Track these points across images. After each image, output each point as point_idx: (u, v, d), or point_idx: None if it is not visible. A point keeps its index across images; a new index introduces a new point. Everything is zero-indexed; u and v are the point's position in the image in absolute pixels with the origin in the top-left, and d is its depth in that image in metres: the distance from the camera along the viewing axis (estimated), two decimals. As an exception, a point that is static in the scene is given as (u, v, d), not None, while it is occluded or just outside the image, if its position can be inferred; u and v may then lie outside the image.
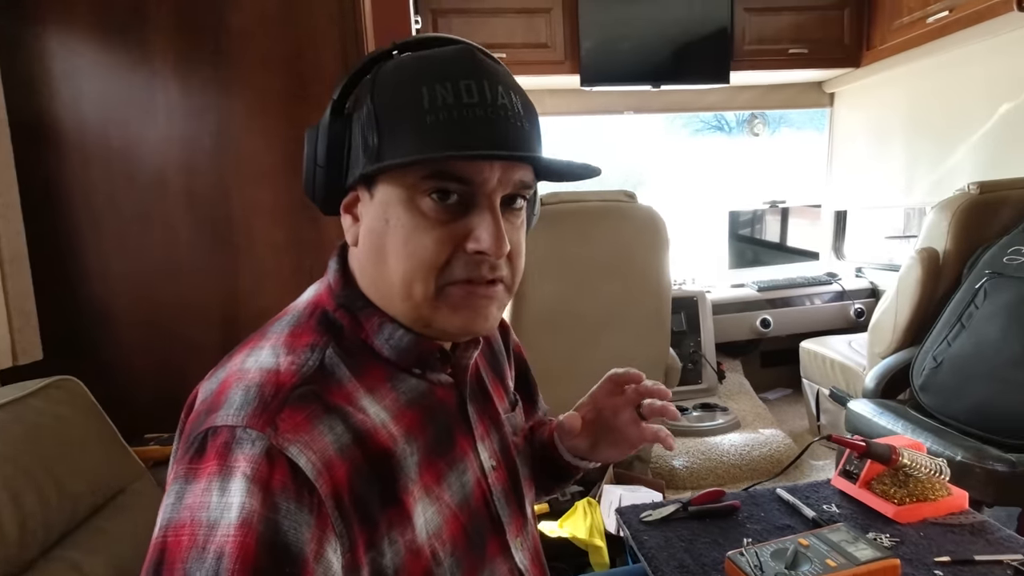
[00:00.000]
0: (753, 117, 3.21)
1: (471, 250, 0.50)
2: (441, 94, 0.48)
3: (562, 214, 1.78)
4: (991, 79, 2.11)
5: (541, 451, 0.75)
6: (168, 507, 0.42)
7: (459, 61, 0.50)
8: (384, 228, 0.50)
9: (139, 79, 1.31)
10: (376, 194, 0.51)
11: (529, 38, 2.39)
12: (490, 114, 0.48)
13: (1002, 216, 1.78)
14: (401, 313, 0.53)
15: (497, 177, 0.49)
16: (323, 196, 0.54)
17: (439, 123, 0.47)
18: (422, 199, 0.49)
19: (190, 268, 1.37)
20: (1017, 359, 1.44)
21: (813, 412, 2.47)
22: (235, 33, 1.32)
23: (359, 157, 0.51)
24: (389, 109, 0.49)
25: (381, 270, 0.52)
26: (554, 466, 0.74)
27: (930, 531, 0.86)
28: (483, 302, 0.52)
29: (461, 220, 0.50)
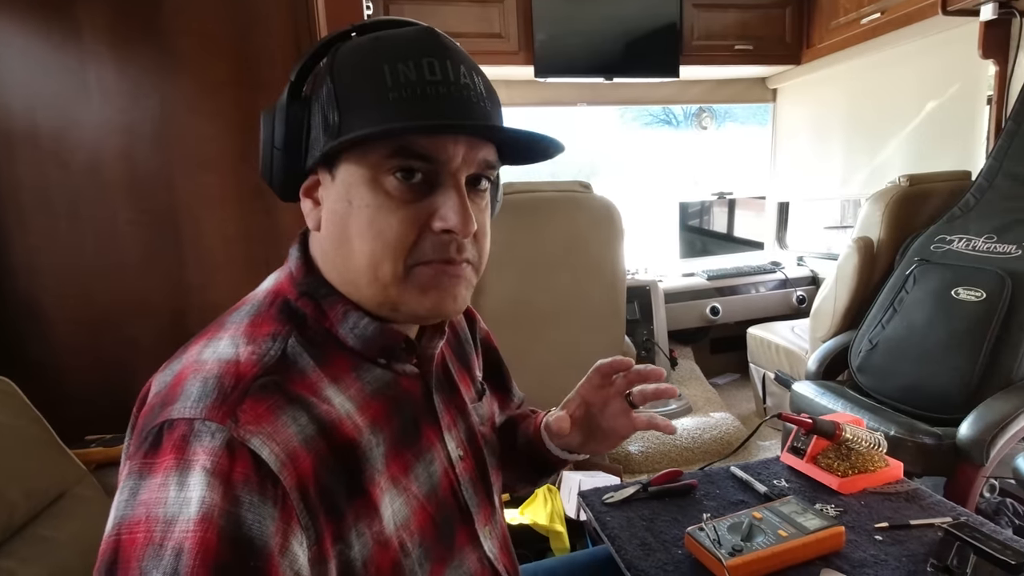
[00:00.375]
0: (701, 111, 3.30)
1: (438, 229, 0.49)
2: (403, 71, 0.47)
3: (517, 205, 1.78)
4: (919, 78, 2.25)
5: (527, 446, 0.74)
6: (121, 504, 0.40)
7: (420, 40, 0.49)
8: (347, 209, 0.49)
9: (69, 58, 1.22)
10: (338, 175, 0.50)
11: (482, 28, 2.37)
12: (453, 91, 0.48)
13: (929, 206, 1.91)
14: (368, 297, 0.52)
15: (462, 155, 0.49)
16: (281, 180, 0.52)
17: (402, 99, 0.47)
18: (386, 178, 0.48)
19: (131, 262, 1.29)
20: (943, 341, 1.55)
21: (760, 395, 2.58)
22: (173, 11, 1.25)
23: (319, 137, 0.50)
24: (350, 87, 0.48)
25: (345, 253, 0.50)
26: (541, 460, 0.73)
27: (870, 500, 0.92)
28: (452, 282, 0.51)
29: (426, 199, 0.49)
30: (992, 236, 1.59)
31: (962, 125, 2.11)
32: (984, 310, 1.49)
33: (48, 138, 1.23)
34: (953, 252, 1.65)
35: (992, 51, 1.89)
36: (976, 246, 1.61)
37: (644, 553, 0.81)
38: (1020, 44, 1.84)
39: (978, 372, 1.46)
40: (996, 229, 1.59)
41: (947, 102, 2.16)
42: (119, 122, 1.24)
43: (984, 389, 1.45)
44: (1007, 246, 1.55)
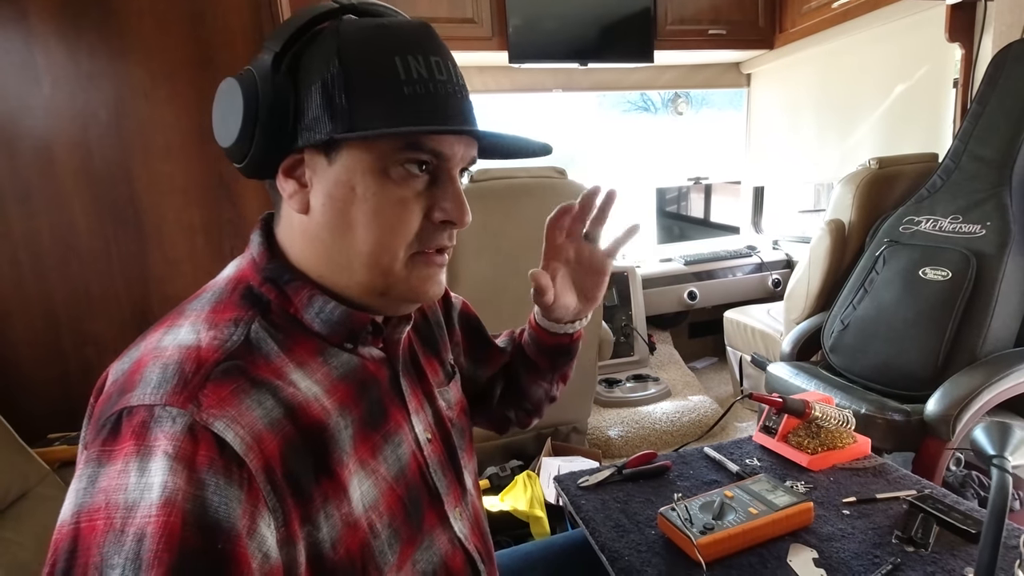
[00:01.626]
0: (677, 97, 3.30)
1: (438, 220, 0.52)
2: (415, 67, 0.48)
3: (492, 191, 1.77)
4: (888, 62, 2.27)
5: (534, 344, 0.78)
6: (79, 492, 0.39)
7: (424, 36, 0.50)
8: (350, 196, 0.49)
9: (14, 41, 1.16)
10: (338, 160, 0.49)
11: (455, 12, 2.33)
12: (456, 92, 0.51)
13: (898, 188, 1.94)
14: (358, 283, 0.52)
15: (460, 153, 0.52)
16: (257, 156, 0.49)
17: (417, 96, 0.48)
18: (394, 169, 0.49)
19: (90, 254, 1.24)
20: (911, 320, 1.58)
21: (737, 378, 2.62)
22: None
23: (321, 119, 0.48)
24: (362, 73, 0.48)
25: (344, 239, 0.50)
26: (549, 349, 0.77)
27: (839, 476, 0.93)
28: (437, 270, 0.55)
29: (428, 191, 0.51)
30: (958, 216, 1.62)
31: (929, 108, 2.14)
32: (950, 289, 1.53)
33: (-9, 124, 1.18)
34: (921, 233, 1.68)
35: (958, 34, 1.92)
36: (942, 226, 1.64)
37: (618, 535, 0.82)
38: (985, 27, 1.87)
39: (944, 349, 1.50)
40: (961, 209, 1.62)
41: (915, 85, 2.19)
42: (71, 108, 1.19)
43: (950, 366, 1.49)
44: (972, 226, 1.58)
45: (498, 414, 0.86)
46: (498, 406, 0.85)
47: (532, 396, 0.83)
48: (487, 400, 0.85)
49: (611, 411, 2.41)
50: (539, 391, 0.83)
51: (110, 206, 1.24)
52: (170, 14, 1.21)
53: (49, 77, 1.18)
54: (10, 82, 1.17)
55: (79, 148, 1.21)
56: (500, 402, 0.85)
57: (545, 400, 0.85)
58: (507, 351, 0.84)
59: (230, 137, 0.50)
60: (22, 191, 1.20)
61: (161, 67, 1.23)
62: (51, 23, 1.17)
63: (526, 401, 0.84)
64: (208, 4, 1.23)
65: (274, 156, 0.50)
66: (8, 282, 1.22)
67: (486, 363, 0.82)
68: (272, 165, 0.51)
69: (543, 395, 0.84)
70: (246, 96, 0.48)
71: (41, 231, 1.22)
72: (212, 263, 1.30)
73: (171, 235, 1.28)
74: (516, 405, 0.85)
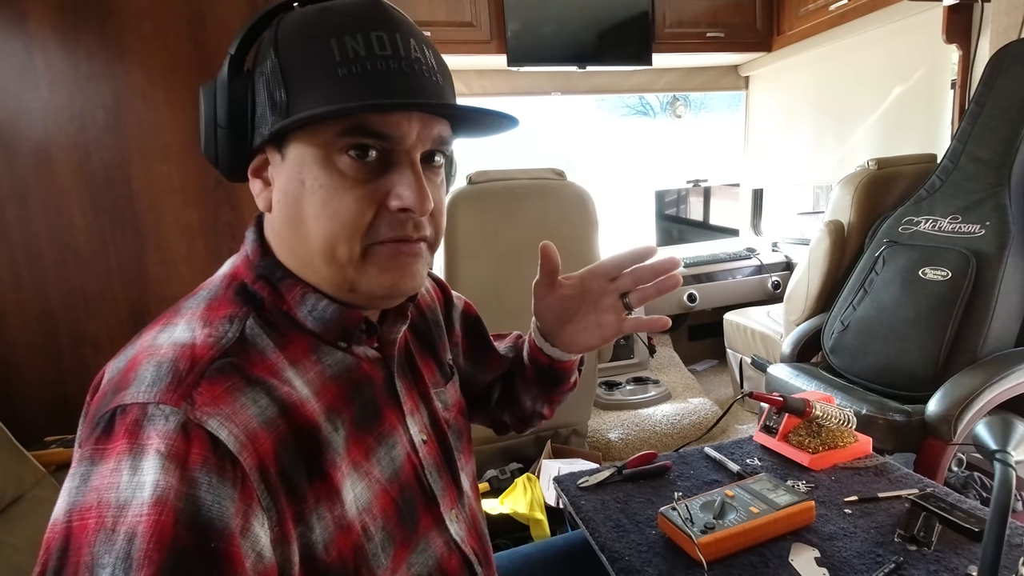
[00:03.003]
0: (675, 100, 3.31)
1: (394, 208, 0.48)
2: (352, 46, 0.46)
3: (491, 192, 1.77)
4: (886, 63, 2.28)
5: (530, 360, 0.75)
6: (72, 490, 0.39)
7: (368, 12, 0.47)
8: (300, 190, 0.48)
9: (13, 43, 1.17)
10: (288, 154, 0.48)
11: (454, 16, 2.34)
12: (404, 67, 0.47)
13: (897, 189, 1.94)
14: (325, 279, 0.50)
15: (416, 132, 0.48)
16: (228, 160, 0.50)
17: (352, 76, 0.45)
18: (339, 157, 0.47)
19: (88, 254, 1.24)
20: (911, 320, 1.57)
21: (737, 380, 2.61)
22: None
23: (266, 115, 0.48)
24: (296, 63, 0.47)
25: (299, 234, 0.49)
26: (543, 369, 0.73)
27: (840, 475, 0.92)
28: (408, 260, 0.50)
29: (382, 178, 0.48)
30: (957, 216, 1.62)
31: (927, 109, 2.15)
32: (950, 289, 1.52)
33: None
34: (920, 233, 1.68)
35: (955, 36, 1.92)
36: (942, 227, 1.64)
37: (618, 535, 0.81)
38: (982, 29, 1.87)
39: (945, 350, 1.49)
40: (960, 209, 1.62)
41: (913, 86, 2.19)
42: (69, 110, 1.19)
43: (951, 366, 1.48)
44: (971, 226, 1.58)
45: (495, 416, 0.86)
46: (495, 408, 0.85)
47: (523, 405, 0.82)
48: (486, 401, 0.84)
49: (611, 414, 2.40)
50: (528, 402, 0.81)
51: (108, 207, 1.24)
52: (168, 16, 1.22)
53: (47, 79, 1.18)
54: (9, 84, 1.17)
55: (77, 149, 1.22)
56: (497, 405, 0.85)
57: (534, 416, 0.83)
58: (507, 357, 0.82)
59: (202, 144, 0.52)
60: (20, 192, 1.20)
61: (159, 69, 1.23)
62: (50, 26, 1.17)
63: (518, 409, 0.83)
64: (206, 6, 1.23)
65: (240, 158, 0.51)
66: (6, 283, 1.22)
67: (485, 366, 0.81)
68: (242, 167, 0.51)
69: (531, 408, 0.82)
70: (206, 103, 0.50)
71: (39, 232, 1.22)
72: (210, 264, 1.28)
73: (169, 236, 1.28)
74: (510, 411, 0.84)
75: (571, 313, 0.68)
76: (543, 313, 0.70)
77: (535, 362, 0.74)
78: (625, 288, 0.66)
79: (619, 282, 0.66)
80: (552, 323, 0.70)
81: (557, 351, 0.71)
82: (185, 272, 1.29)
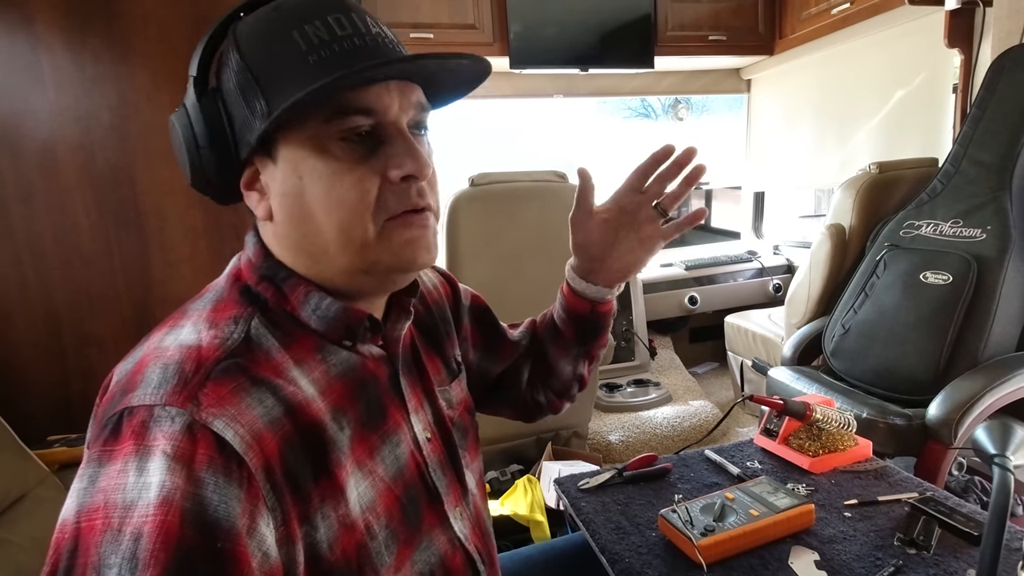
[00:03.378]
0: (677, 103, 3.32)
1: (395, 178, 0.49)
2: (314, 32, 0.46)
3: (493, 194, 1.77)
4: (888, 67, 2.28)
5: (567, 316, 0.75)
6: (80, 491, 0.39)
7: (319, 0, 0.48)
8: (300, 186, 0.48)
9: (20, 45, 1.17)
10: (279, 157, 0.49)
11: (456, 18, 2.34)
12: (368, 42, 0.48)
13: (899, 193, 1.94)
14: (341, 268, 0.51)
15: (397, 102, 0.49)
16: (218, 179, 0.50)
17: (322, 60, 0.46)
18: (331, 144, 0.47)
19: (92, 255, 1.25)
20: (912, 324, 1.58)
21: (738, 382, 2.61)
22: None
23: (248, 124, 0.48)
24: (265, 63, 0.47)
25: (308, 229, 0.49)
26: (581, 316, 0.74)
27: (840, 478, 0.93)
28: (422, 232, 0.51)
29: (376, 154, 0.49)
30: (958, 220, 1.62)
31: (929, 113, 2.15)
32: (951, 293, 1.53)
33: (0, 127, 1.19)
34: (921, 237, 1.68)
35: (957, 40, 1.93)
36: (943, 231, 1.64)
37: (619, 537, 0.81)
38: (984, 33, 1.88)
39: (945, 353, 1.49)
40: (962, 213, 1.62)
41: (915, 91, 2.20)
42: (75, 111, 1.20)
43: (951, 370, 1.48)
44: (972, 230, 1.58)
45: (527, 399, 0.84)
46: (527, 390, 0.83)
47: (561, 374, 0.81)
48: (512, 387, 0.82)
49: (612, 416, 2.40)
50: (567, 368, 0.80)
51: (112, 208, 1.25)
52: (173, 19, 1.22)
53: (53, 80, 1.19)
54: (15, 85, 1.18)
55: (82, 150, 1.22)
56: (529, 386, 0.83)
57: (574, 380, 0.82)
58: (522, 343, 0.82)
59: (187, 173, 0.52)
60: (25, 192, 1.21)
61: (164, 71, 1.24)
62: (57, 28, 1.18)
63: (555, 380, 0.81)
64: (211, 9, 1.24)
65: (229, 176, 0.51)
66: (10, 283, 1.23)
67: (497, 356, 0.80)
68: (233, 185, 0.51)
69: (571, 373, 0.81)
70: (183, 129, 0.50)
71: (44, 232, 1.23)
72: (213, 265, 1.30)
73: (172, 237, 1.29)
74: (546, 386, 0.83)
75: (612, 238, 0.70)
76: (584, 246, 0.71)
77: (574, 314, 0.75)
78: (656, 193, 0.68)
79: (649, 189, 0.68)
80: (595, 253, 0.71)
81: (600, 289, 0.72)
82: (188, 273, 1.29)
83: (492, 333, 0.80)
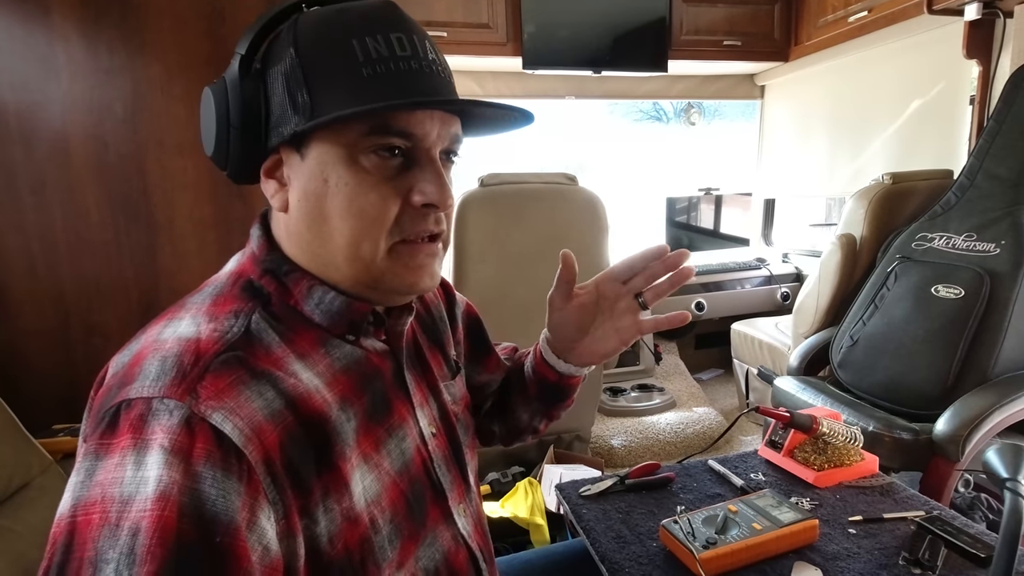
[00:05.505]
0: (690, 107, 3.30)
1: (418, 203, 0.49)
2: (374, 46, 0.47)
3: (502, 195, 1.77)
4: (904, 77, 2.26)
5: (534, 375, 0.75)
6: (76, 485, 0.39)
7: (386, 13, 0.49)
8: (323, 189, 0.48)
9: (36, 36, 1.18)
10: (309, 154, 0.49)
11: (470, 18, 2.34)
12: (424, 68, 0.48)
13: (912, 204, 1.92)
14: (345, 276, 0.51)
15: (436, 131, 0.50)
16: (239, 161, 0.51)
17: (377, 76, 0.47)
18: (365, 156, 0.48)
19: (101, 245, 1.25)
20: (921, 338, 1.56)
21: (743, 390, 2.59)
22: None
23: (286, 115, 0.48)
24: (318, 63, 0.47)
25: (322, 233, 0.50)
26: (547, 382, 0.73)
27: (845, 493, 0.92)
28: (428, 260, 0.52)
29: (405, 175, 0.49)
30: (972, 234, 1.60)
31: (945, 124, 2.12)
32: (962, 308, 1.51)
33: (14, 116, 1.19)
34: (934, 250, 1.66)
35: (976, 51, 1.90)
36: (956, 244, 1.62)
37: (619, 545, 0.81)
38: (1003, 44, 1.85)
39: (955, 369, 1.48)
40: (976, 227, 1.60)
41: (931, 101, 2.17)
42: (88, 102, 1.21)
43: (961, 386, 1.46)
44: (986, 244, 1.56)
45: (483, 425, 0.84)
46: (485, 417, 0.84)
47: (518, 420, 0.81)
48: (475, 410, 0.82)
49: (615, 420, 2.39)
50: (524, 417, 0.80)
51: (122, 199, 1.26)
52: (188, 11, 1.23)
53: (68, 71, 1.20)
54: (30, 75, 1.19)
55: (94, 141, 1.23)
56: (487, 415, 0.84)
57: (527, 430, 0.82)
58: (504, 365, 0.82)
59: (210, 146, 0.52)
60: (37, 182, 1.21)
61: (178, 63, 1.24)
62: (73, 19, 1.19)
63: (511, 420, 0.82)
64: (226, 2, 1.24)
65: (253, 159, 0.51)
66: (21, 271, 1.24)
67: (483, 368, 0.81)
68: (254, 168, 0.52)
69: (526, 423, 0.81)
70: (217, 104, 0.50)
71: (54, 221, 1.23)
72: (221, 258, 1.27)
73: (181, 229, 1.29)
74: (502, 422, 0.84)
75: (588, 322, 0.69)
76: (560, 326, 0.70)
77: (541, 379, 0.74)
78: (639, 288, 0.66)
79: (632, 283, 0.66)
80: (570, 335, 0.70)
81: (569, 366, 0.71)
82: (196, 265, 1.30)
83: (481, 344, 0.81)
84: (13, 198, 1.21)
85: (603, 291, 0.68)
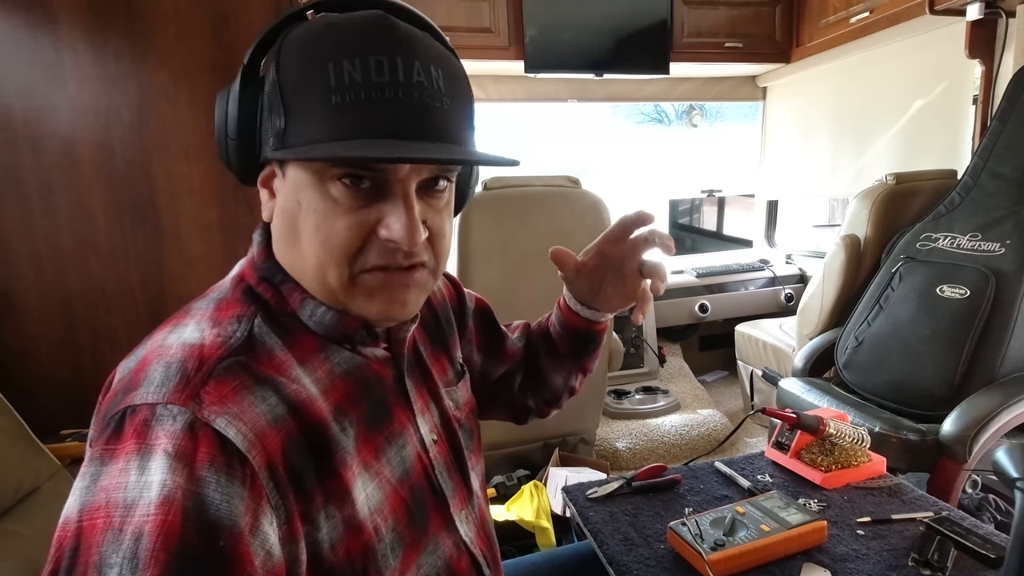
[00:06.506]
0: (692, 109, 3.30)
1: (383, 238, 0.47)
2: (348, 71, 0.44)
3: (505, 199, 1.77)
4: (907, 77, 2.26)
5: (562, 329, 0.77)
6: (81, 490, 0.39)
7: (371, 31, 0.45)
8: (297, 210, 0.48)
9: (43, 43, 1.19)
10: (287, 174, 0.49)
11: (472, 22, 2.35)
12: (402, 95, 0.44)
13: (916, 204, 1.92)
14: (320, 294, 0.51)
15: (409, 166, 0.47)
16: (239, 168, 0.52)
17: (345, 105, 0.44)
18: (332, 184, 0.46)
19: (107, 250, 1.26)
20: (927, 338, 1.55)
21: (747, 392, 2.59)
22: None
23: (268, 134, 0.48)
24: (293, 86, 0.46)
25: (295, 251, 0.50)
26: (573, 330, 0.76)
27: (853, 495, 0.91)
28: (400, 289, 0.50)
29: (374, 205, 0.47)
30: (977, 234, 1.60)
31: (948, 124, 2.12)
32: (968, 307, 1.50)
33: (22, 123, 1.20)
34: (938, 250, 1.66)
35: (978, 51, 1.90)
36: (961, 244, 1.62)
37: (626, 548, 0.81)
38: (1006, 44, 1.85)
39: (961, 369, 1.47)
40: (980, 227, 1.60)
41: (934, 101, 2.17)
42: (95, 108, 1.22)
43: (967, 386, 1.46)
44: (991, 244, 1.56)
45: (518, 403, 0.85)
46: (518, 394, 0.84)
47: (552, 384, 0.82)
48: (506, 390, 0.83)
49: (619, 423, 2.39)
50: (559, 379, 0.81)
51: (129, 205, 1.26)
52: (194, 18, 1.24)
53: (75, 78, 1.20)
54: (38, 82, 1.20)
55: (101, 147, 1.24)
56: (520, 390, 0.84)
57: (564, 390, 0.83)
58: (519, 346, 0.83)
59: (218, 147, 0.53)
60: (44, 187, 1.22)
61: (184, 70, 1.25)
62: (79, 26, 1.19)
63: (546, 389, 0.83)
64: (232, 8, 1.25)
65: (250, 168, 0.52)
66: (28, 275, 1.24)
67: (500, 359, 0.81)
68: (252, 176, 0.52)
69: (562, 384, 0.82)
70: (218, 111, 0.51)
71: (61, 227, 1.24)
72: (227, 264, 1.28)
73: (188, 235, 1.30)
74: (536, 393, 0.84)
75: (599, 282, 0.72)
76: (575, 290, 0.73)
77: (570, 330, 0.76)
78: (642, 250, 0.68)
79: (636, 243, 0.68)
80: (585, 294, 0.73)
81: (595, 312, 0.74)
82: (202, 271, 1.30)
83: (495, 336, 0.81)
84: (21, 203, 1.22)
85: (606, 252, 0.70)
